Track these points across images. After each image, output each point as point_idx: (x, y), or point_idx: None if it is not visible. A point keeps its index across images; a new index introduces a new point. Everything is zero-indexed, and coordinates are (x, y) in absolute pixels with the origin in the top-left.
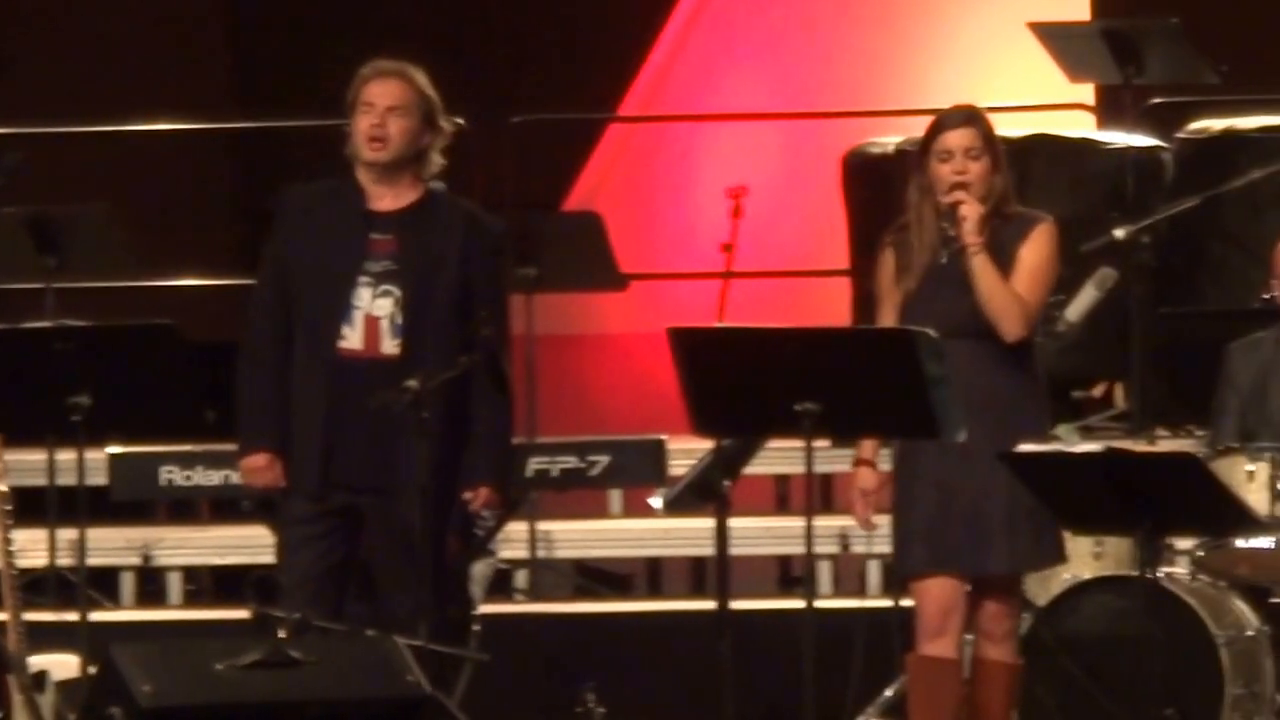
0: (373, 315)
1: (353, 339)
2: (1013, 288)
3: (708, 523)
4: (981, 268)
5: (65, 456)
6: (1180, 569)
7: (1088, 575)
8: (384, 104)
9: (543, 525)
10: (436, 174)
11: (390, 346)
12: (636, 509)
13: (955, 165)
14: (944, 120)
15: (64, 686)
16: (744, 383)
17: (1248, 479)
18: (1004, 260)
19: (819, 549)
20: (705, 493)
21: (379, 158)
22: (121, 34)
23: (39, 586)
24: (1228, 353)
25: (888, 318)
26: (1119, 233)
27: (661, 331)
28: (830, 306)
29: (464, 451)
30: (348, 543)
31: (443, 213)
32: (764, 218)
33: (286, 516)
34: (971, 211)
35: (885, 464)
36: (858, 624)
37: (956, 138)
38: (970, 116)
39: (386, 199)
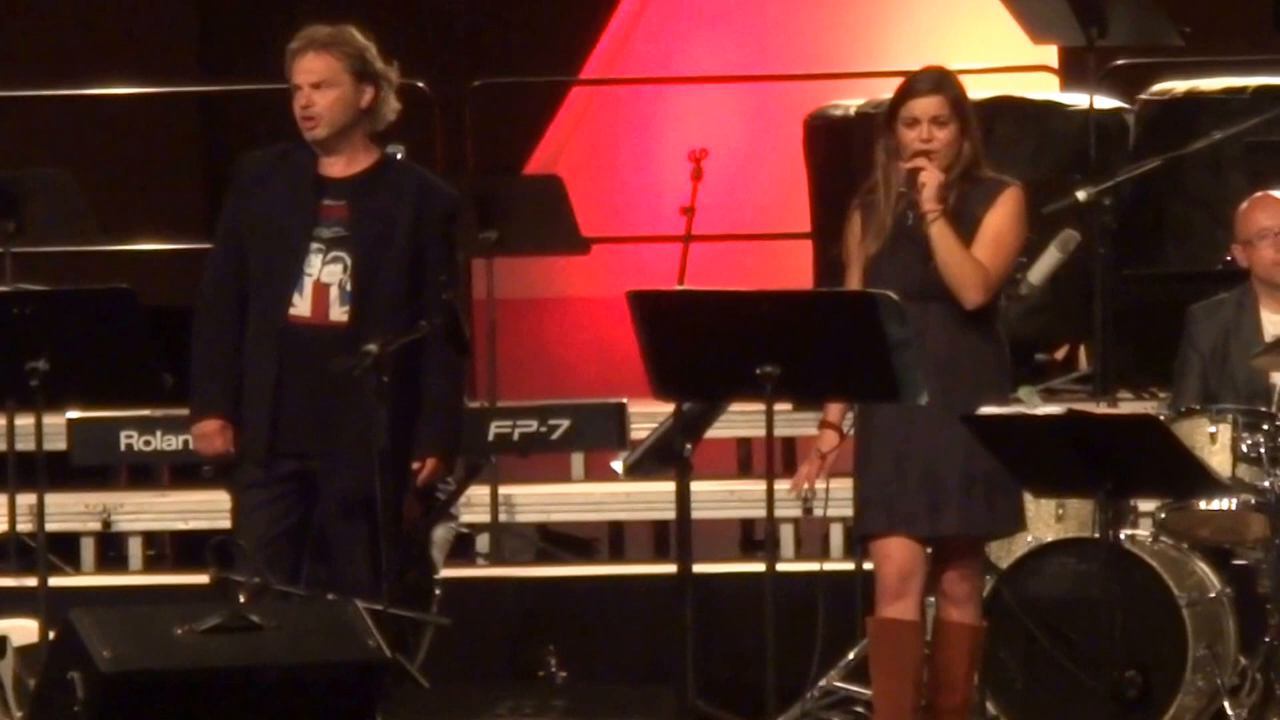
0: (322, 282)
1: (302, 306)
2: (972, 255)
3: (669, 486)
4: (940, 235)
5: (24, 421)
6: (1142, 531)
7: (1050, 538)
8: (308, 82)
9: (504, 489)
10: (393, 120)
11: (339, 314)
12: (598, 473)
13: (920, 133)
14: (913, 85)
15: (23, 652)
16: (705, 346)
17: (1210, 441)
18: (970, 224)
19: (781, 512)
20: (667, 456)
21: (314, 135)
22: None
23: None
24: (1190, 314)
25: (855, 281)
26: (1081, 194)
27: (622, 295)
28: (792, 269)
29: (416, 417)
30: (302, 506)
31: (396, 179)
32: (725, 181)
33: (240, 482)
34: (930, 179)
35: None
36: (820, 587)
37: (923, 105)
38: (940, 82)
39: (339, 165)
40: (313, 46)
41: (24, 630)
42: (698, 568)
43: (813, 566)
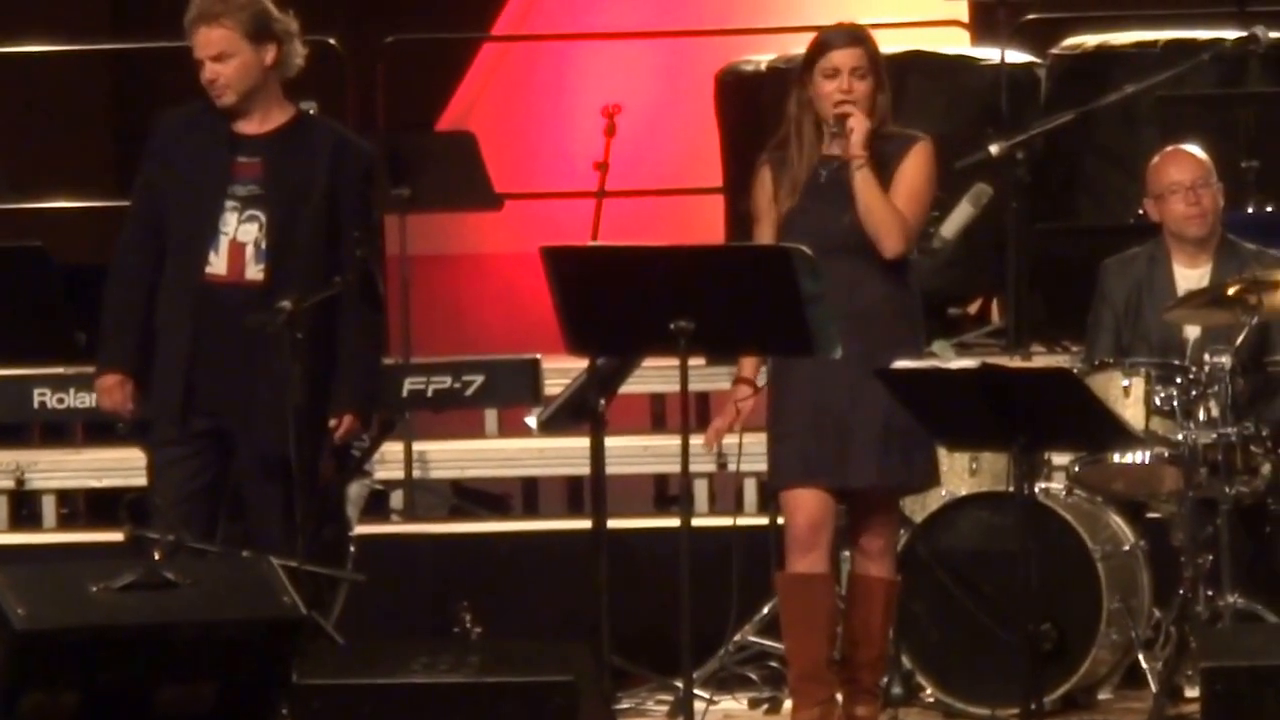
0: (238, 241)
1: (218, 265)
2: (894, 203)
3: (584, 442)
4: (865, 182)
5: None
6: (1056, 484)
7: (964, 491)
8: (207, 55)
9: (418, 445)
10: (302, 66)
11: (254, 272)
12: (512, 429)
13: (841, 84)
14: (831, 38)
15: None
16: (618, 301)
17: (1123, 394)
18: (883, 179)
19: (695, 467)
20: (581, 412)
21: (225, 102)
22: None
23: None
24: (1103, 269)
25: (765, 235)
26: (994, 149)
27: (536, 251)
28: (704, 224)
29: (332, 374)
30: (217, 464)
31: (311, 136)
32: (638, 136)
33: (155, 439)
34: (859, 125)
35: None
36: (734, 542)
37: (843, 56)
38: (858, 36)
39: (253, 122)
40: (204, 20)
41: None
42: (612, 523)
43: (726, 522)
